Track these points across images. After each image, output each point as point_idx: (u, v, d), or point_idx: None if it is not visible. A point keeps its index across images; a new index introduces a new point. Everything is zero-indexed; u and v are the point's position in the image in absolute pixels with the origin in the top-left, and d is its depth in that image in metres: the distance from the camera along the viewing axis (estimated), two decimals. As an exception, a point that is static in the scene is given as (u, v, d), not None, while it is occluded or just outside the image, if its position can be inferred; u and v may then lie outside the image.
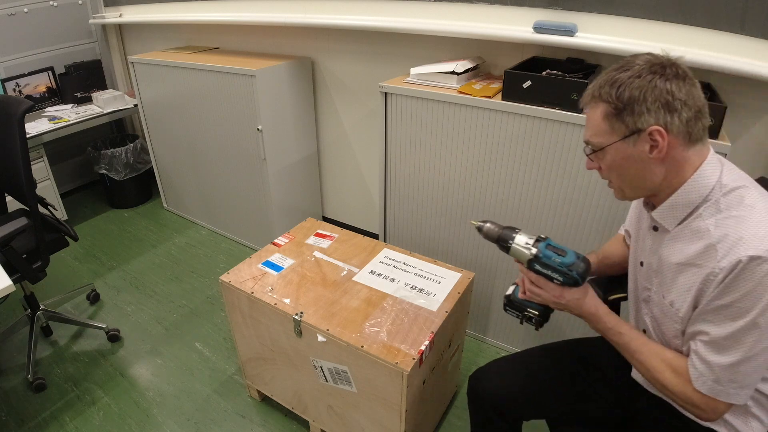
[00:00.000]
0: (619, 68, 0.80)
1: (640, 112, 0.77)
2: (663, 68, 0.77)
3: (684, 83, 0.77)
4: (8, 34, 2.77)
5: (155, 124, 2.81)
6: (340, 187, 2.67)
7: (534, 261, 0.93)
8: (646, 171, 0.81)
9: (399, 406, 1.22)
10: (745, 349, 0.74)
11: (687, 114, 0.76)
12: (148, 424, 1.65)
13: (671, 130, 0.77)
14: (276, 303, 1.36)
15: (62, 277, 2.46)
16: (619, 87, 0.78)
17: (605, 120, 0.81)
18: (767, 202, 0.76)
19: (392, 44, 2.07)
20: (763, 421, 0.86)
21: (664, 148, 0.77)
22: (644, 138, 0.78)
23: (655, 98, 0.76)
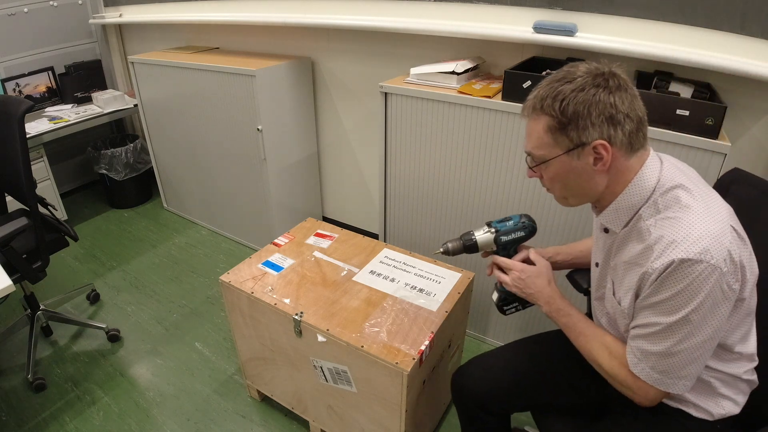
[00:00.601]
0: (561, 79, 0.79)
1: (584, 126, 0.77)
2: (606, 80, 0.77)
3: (626, 94, 0.77)
4: (8, 34, 2.77)
5: (155, 124, 2.81)
6: (340, 187, 2.67)
7: (498, 235, 1.06)
8: (589, 181, 0.83)
9: (399, 406, 1.22)
10: (675, 341, 0.77)
11: (629, 126, 0.77)
12: (148, 424, 1.65)
13: (614, 142, 0.78)
14: (276, 303, 1.36)
15: (62, 277, 2.46)
16: (562, 101, 0.78)
17: (548, 133, 0.81)
18: (703, 202, 0.77)
19: (392, 44, 2.07)
20: (734, 400, 0.89)
21: (608, 160, 0.79)
22: (588, 151, 0.79)
23: (599, 113, 0.76)
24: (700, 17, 1.36)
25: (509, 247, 1.08)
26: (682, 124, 1.27)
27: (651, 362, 0.81)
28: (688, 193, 0.78)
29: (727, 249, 0.72)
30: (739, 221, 0.80)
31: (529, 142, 0.86)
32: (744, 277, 0.76)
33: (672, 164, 0.85)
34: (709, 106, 1.23)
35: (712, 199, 0.80)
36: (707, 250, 0.71)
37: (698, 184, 0.82)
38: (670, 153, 1.29)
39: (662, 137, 1.30)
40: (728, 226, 0.75)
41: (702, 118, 1.24)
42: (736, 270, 0.74)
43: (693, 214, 0.75)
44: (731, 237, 0.74)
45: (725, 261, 0.72)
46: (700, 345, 0.77)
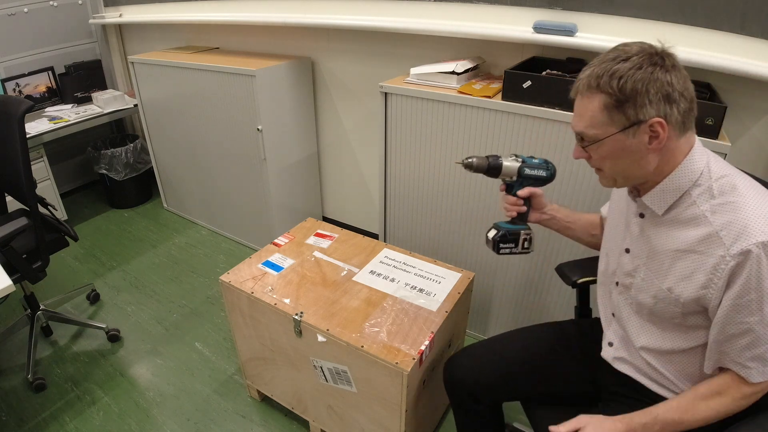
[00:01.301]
0: (615, 58, 0.79)
1: (642, 104, 0.77)
2: (662, 59, 0.77)
3: (680, 74, 0.78)
4: (8, 34, 2.77)
5: (155, 124, 2.81)
6: (340, 187, 2.67)
7: (523, 166, 1.08)
8: (641, 161, 0.82)
9: (399, 406, 1.22)
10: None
11: (684, 105, 0.78)
12: (148, 424, 1.65)
13: (670, 121, 0.78)
14: (276, 303, 1.36)
15: (62, 277, 2.46)
16: (620, 79, 0.77)
17: (603, 111, 0.80)
18: (755, 189, 0.79)
19: (392, 44, 2.07)
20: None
21: (664, 138, 0.78)
22: (644, 129, 0.78)
23: (656, 90, 0.76)
24: (700, 17, 1.36)
25: (527, 182, 1.10)
26: (682, 124, 1.27)
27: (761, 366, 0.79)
28: (743, 180, 0.80)
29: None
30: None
31: (581, 122, 0.84)
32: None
33: (717, 156, 0.86)
34: (709, 106, 1.23)
35: (760, 186, 0.81)
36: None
37: (743, 174, 0.83)
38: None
39: (662, 137, 1.30)
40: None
41: (702, 118, 1.24)
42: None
43: (753, 199, 0.76)
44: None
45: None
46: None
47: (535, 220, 1.15)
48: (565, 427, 0.90)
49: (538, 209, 1.14)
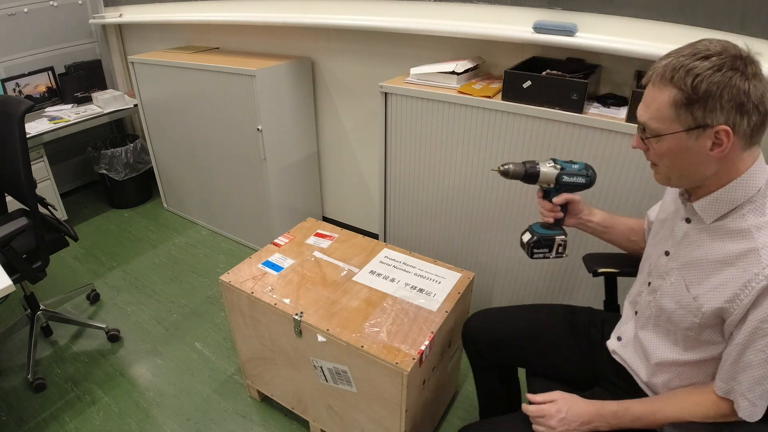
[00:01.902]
0: (695, 55, 0.74)
1: (712, 108, 0.73)
2: (745, 65, 0.73)
3: (761, 84, 0.73)
4: (8, 34, 2.77)
5: (155, 124, 2.81)
6: (340, 187, 2.67)
7: (561, 173, 1.04)
8: (700, 165, 0.79)
9: (399, 406, 1.22)
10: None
11: (756, 118, 0.74)
12: (148, 424, 1.65)
13: (738, 131, 0.74)
14: (276, 303, 1.36)
15: (62, 277, 2.46)
16: (696, 76, 0.73)
17: (671, 107, 0.76)
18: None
19: (392, 44, 2.07)
20: None
21: (727, 148, 0.75)
22: (709, 135, 0.75)
23: (731, 97, 0.72)
24: (700, 17, 1.36)
25: (565, 189, 1.07)
26: (682, 124, 1.27)
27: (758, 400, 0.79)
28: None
29: None
30: None
31: (647, 112, 0.81)
32: None
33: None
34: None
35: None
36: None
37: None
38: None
39: (662, 137, 1.30)
40: None
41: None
42: None
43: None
44: None
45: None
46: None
47: (572, 224, 1.13)
48: (540, 398, 0.95)
49: (574, 214, 1.12)
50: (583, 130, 1.43)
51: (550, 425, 0.92)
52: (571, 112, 1.42)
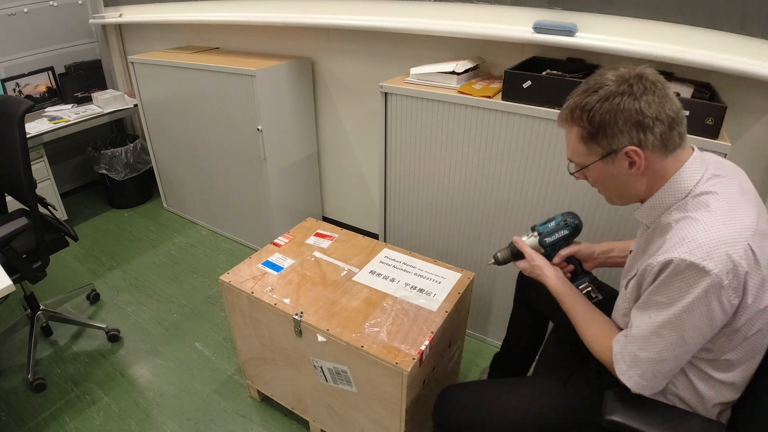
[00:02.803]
0: (588, 90, 0.82)
1: (612, 134, 0.80)
2: (630, 87, 0.78)
3: (654, 96, 0.77)
4: (8, 34, 2.77)
5: (155, 124, 2.81)
6: (340, 187, 2.67)
7: (542, 237, 1.12)
8: (629, 183, 0.85)
9: (399, 406, 1.22)
10: (664, 346, 0.79)
11: (660, 128, 0.78)
12: (148, 424, 1.65)
13: (646, 146, 0.79)
14: (276, 303, 1.36)
15: (62, 277, 2.46)
16: (589, 111, 0.80)
17: (581, 142, 0.85)
18: (728, 212, 0.76)
19: (392, 44, 2.07)
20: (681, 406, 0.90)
21: (642, 164, 0.81)
22: (621, 157, 0.81)
23: (626, 119, 0.78)
24: (700, 17, 1.36)
25: (556, 246, 1.12)
26: (682, 124, 1.27)
27: (641, 370, 0.83)
28: (717, 201, 0.78)
29: (734, 261, 0.71)
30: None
31: (568, 150, 0.89)
32: (744, 301, 0.74)
33: (717, 168, 0.84)
34: (709, 106, 1.23)
35: (742, 213, 0.77)
36: (710, 256, 0.71)
37: (737, 194, 0.80)
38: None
39: (662, 137, 1.30)
40: (746, 243, 0.73)
41: (702, 118, 1.24)
42: (738, 286, 0.72)
43: (713, 218, 0.75)
44: (744, 253, 0.72)
45: (727, 273, 0.71)
46: (684, 353, 0.79)
47: (591, 268, 1.14)
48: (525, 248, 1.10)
49: (589, 259, 1.14)
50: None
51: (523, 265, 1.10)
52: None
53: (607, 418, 0.84)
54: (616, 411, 0.84)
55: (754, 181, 0.87)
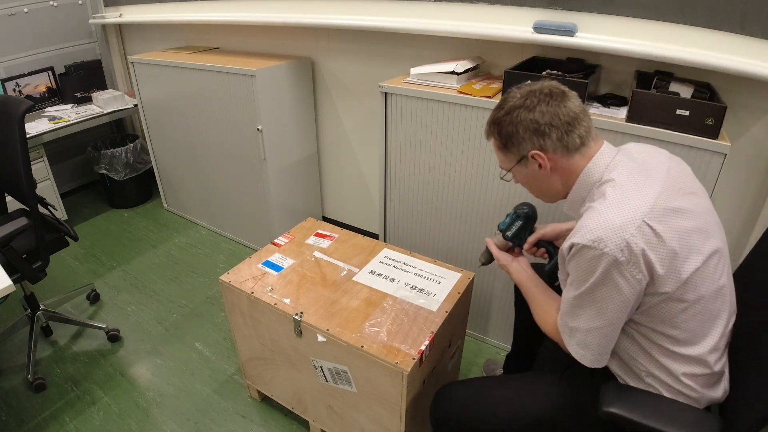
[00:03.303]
0: (498, 107, 0.98)
1: (518, 142, 0.94)
2: (524, 100, 0.93)
3: (547, 107, 0.91)
4: (8, 34, 2.77)
5: (155, 124, 2.81)
6: (340, 187, 2.67)
7: (504, 234, 1.21)
8: (546, 182, 0.98)
9: (399, 406, 1.22)
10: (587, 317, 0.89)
11: (557, 133, 0.91)
12: (148, 424, 1.65)
13: (547, 149, 0.93)
14: (276, 303, 1.36)
15: (62, 277, 2.46)
16: (497, 125, 0.96)
17: (500, 151, 1.00)
18: (623, 196, 0.85)
19: (392, 44, 2.07)
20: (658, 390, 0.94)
21: (548, 164, 0.94)
22: (530, 160, 0.95)
23: (525, 128, 0.92)
24: (700, 17, 1.36)
25: (519, 236, 1.20)
26: (682, 124, 1.27)
27: (577, 339, 0.92)
28: (613, 188, 0.87)
29: (626, 240, 0.80)
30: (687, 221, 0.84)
31: (497, 158, 1.04)
32: (654, 272, 0.82)
33: (626, 156, 0.93)
34: (709, 106, 1.23)
35: (639, 194, 0.84)
36: (600, 239, 0.81)
37: (638, 176, 0.88)
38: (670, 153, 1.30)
39: (662, 137, 1.30)
40: (640, 222, 0.81)
41: (702, 118, 1.24)
42: (637, 262, 0.80)
43: (605, 205, 0.85)
44: (637, 232, 0.80)
45: (621, 251, 0.80)
46: (607, 324, 0.87)
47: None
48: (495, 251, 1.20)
49: (559, 237, 1.22)
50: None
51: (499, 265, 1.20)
52: (571, 112, 1.41)
53: (603, 410, 0.87)
54: (614, 403, 0.88)
55: (754, 181, 0.87)
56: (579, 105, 0.92)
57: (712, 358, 0.89)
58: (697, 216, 0.86)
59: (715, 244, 0.87)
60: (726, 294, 0.90)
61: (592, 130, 0.94)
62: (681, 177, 0.93)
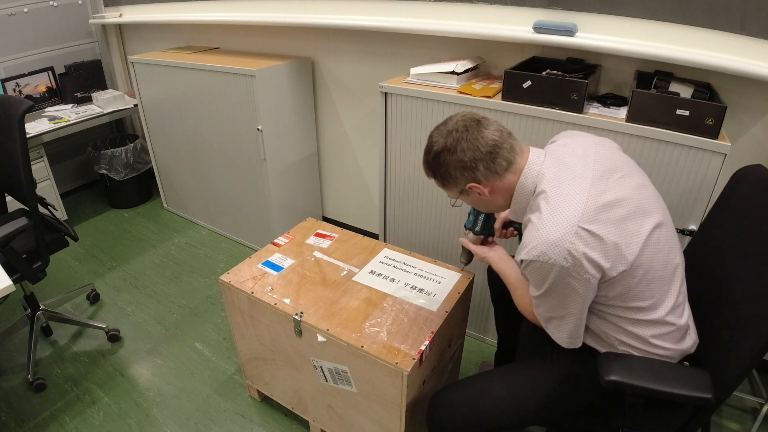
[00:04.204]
0: (426, 152, 1.04)
1: (452, 180, 1.02)
2: (445, 141, 0.99)
3: (466, 143, 0.97)
4: (8, 34, 2.77)
5: (155, 124, 2.81)
6: (340, 187, 2.67)
7: (471, 230, 1.29)
8: (489, 202, 1.06)
9: (399, 406, 1.22)
10: (550, 311, 0.99)
11: (483, 163, 0.98)
12: (148, 424, 1.65)
13: (480, 180, 1.00)
14: (276, 303, 1.36)
15: (62, 277, 2.46)
16: (432, 170, 1.04)
17: (442, 188, 1.08)
18: (555, 209, 0.91)
19: (392, 44, 2.07)
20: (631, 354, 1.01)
21: (485, 190, 1.01)
22: (469, 190, 1.02)
23: (455, 167, 0.99)
24: (700, 17, 1.36)
25: (486, 227, 1.28)
26: (682, 124, 1.27)
27: (552, 324, 1.01)
28: (546, 200, 0.93)
29: (567, 249, 0.87)
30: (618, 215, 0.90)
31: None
32: (600, 268, 0.88)
33: (553, 160, 0.99)
34: (709, 106, 1.23)
35: (570, 202, 0.90)
36: (544, 253, 0.88)
37: (566, 183, 0.94)
38: (670, 153, 1.31)
39: (662, 137, 1.30)
40: (575, 229, 0.87)
41: (702, 118, 1.24)
42: (581, 264, 0.87)
43: (541, 220, 0.91)
44: (575, 238, 0.87)
45: (565, 258, 0.87)
46: (571, 314, 0.96)
47: None
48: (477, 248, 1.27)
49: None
50: (583, 130, 1.43)
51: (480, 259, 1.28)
52: (571, 112, 1.42)
53: (606, 379, 0.92)
54: (613, 371, 0.93)
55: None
56: (496, 128, 0.99)
57: (674, 315, 0.97)
58: (630, 199, 0.92)
59: (654, 220, 0.93)
60: (674, 257, 0.97)
61: (516, 145, 1.00)
62: (609, 159, 0.99)
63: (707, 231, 1.20)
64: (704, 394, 0.89)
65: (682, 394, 0.90)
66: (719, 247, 1.12)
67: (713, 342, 1.02)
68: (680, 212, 1.37)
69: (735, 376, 0.91)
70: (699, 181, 1.31)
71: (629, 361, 0.98)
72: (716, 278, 1.08)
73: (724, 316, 1.01)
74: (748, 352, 0.89)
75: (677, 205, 1.37)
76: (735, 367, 0.91)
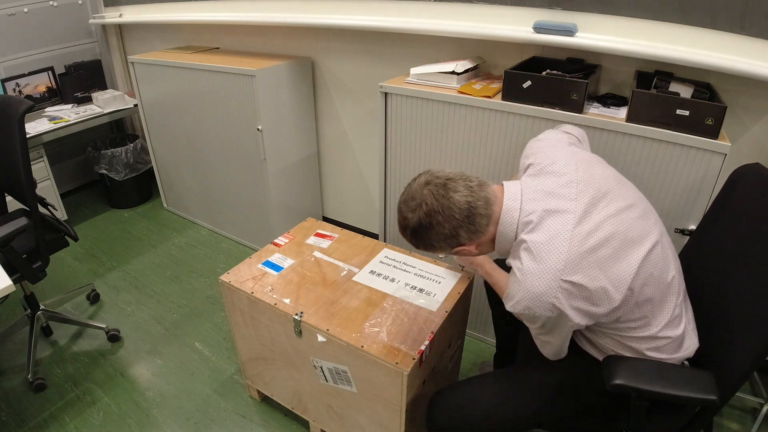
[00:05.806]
0: (402, 228, 1.01)
1: (440, 248, 1.01)
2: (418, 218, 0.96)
3: (441, 215, 0.95)
4: (8, 34, 2.77)
5: (155, 124, 2.81)
6: (340, 187, 2.67)
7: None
8: (480, 253, 1.05)
9: (399, 406, 1.22)
10: (544, 338, 1.01)
11: (463, 229, 0.96)
12: (148, 424, 1.65)
13: (465, 242, 0.99)
14: (276, 303, 1.36)
15: (62, 277, 2.46)
16: (416, 245, 1.02)
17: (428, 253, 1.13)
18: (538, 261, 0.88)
19: (392, 44, 2.07)
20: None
21: (473, 246, 1.01)
22: (458, 252, 1.03)
23: (438, 240, 0.98)
24: (700, 17, 1.37)
25: None
26: (682, 124, 1.27)
27: (540, 339, 1.03)
28: (527, 251, 0.90)
29: (551, 303, 0.87)
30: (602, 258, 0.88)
31: None
32: (588, 313, 0.89)
33: (531, 199, 0.95)
34: (709, 106, 1.23)
35: (551, 252, 0.87)
36: (528, 307, 0.89)
37: (544, 230, 0.90)
38: (670, 153, 1.31)
39: (662, 137, 1.30)
40: (558, 283, 0.86)
41: (702, 118, 1.24)
42: (566, 315, 0.88)
43: (524, 273, 0.89)
44: (558, 292, 0.86)
45: (551, 310, 0.88)
46: (561, 339, 0.99)
47: None
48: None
49: None
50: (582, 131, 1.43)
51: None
52: (571, 112, 1.42)
53: (611, 383, 0.91)
54: (618, 375, 0.92)
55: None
56: (464, 187, 0.96)
57: (669, 329, 0.97)
58: (617, 234, 0.89)
59: (645, 246, 0.91)
60: (668, 274, 0.95)
61: (489, 195, 0.97)
62: (592, 184, 0.95)
63: (705, 230, 1.19)
64: (709, 396, 0.89)
65: (688, 396, 0.90)
66: (718, 246, 1.11)
67: (714, 342, 1.02)
68: (680, 212, 1.37)
69: (737, 377, 0.90)
70: (699, 181, 1.31)
71: (634, 364, 0.98)
72: (715, 277, 1.08)
73: (724, 316, 1.01)
74: (749, 353, 0.89)
75: (677, 205, 1.37)
76: (737, 367, 0.91)
